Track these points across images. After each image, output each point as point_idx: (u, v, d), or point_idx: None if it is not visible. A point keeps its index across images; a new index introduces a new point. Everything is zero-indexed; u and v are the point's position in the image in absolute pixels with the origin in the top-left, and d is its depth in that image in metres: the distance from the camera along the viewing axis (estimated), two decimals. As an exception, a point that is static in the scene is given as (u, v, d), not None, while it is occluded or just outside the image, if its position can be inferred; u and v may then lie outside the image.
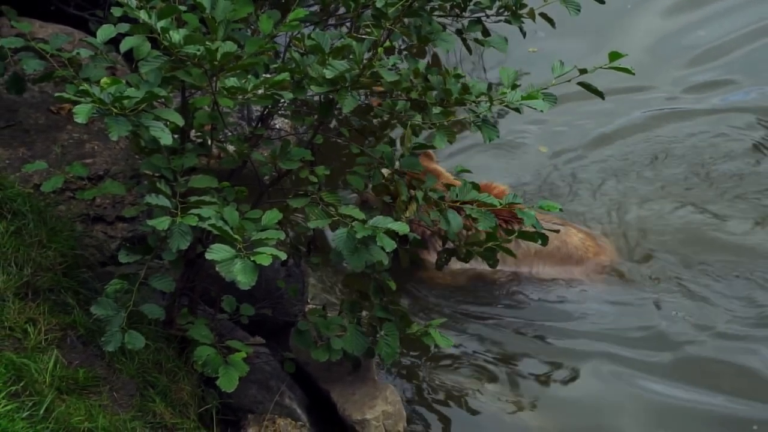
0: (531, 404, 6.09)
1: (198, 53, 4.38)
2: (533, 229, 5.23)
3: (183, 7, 4.60)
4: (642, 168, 7.81)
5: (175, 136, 4.72)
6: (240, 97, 4.52)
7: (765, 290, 6.80)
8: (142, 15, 4.34)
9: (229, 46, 4.38)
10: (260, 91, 4.52)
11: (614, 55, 4.82)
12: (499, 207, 5.12)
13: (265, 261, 4.14)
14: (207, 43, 4.38)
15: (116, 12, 4.50)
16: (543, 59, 6.61)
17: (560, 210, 5.23)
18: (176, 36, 4.35)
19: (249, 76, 4.53)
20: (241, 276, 4.12)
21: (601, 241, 7.06)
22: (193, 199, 4.58)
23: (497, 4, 5.69)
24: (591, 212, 7.38)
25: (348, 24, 5.60)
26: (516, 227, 5.47)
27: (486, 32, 5.77)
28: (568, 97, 5.86)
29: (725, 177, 7.71)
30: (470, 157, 7.68)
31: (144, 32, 4.44)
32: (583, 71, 4.90)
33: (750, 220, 7.37)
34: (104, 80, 4.31)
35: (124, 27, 4.67)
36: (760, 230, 7.29)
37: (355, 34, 4.93)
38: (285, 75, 4.52)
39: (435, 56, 8.54)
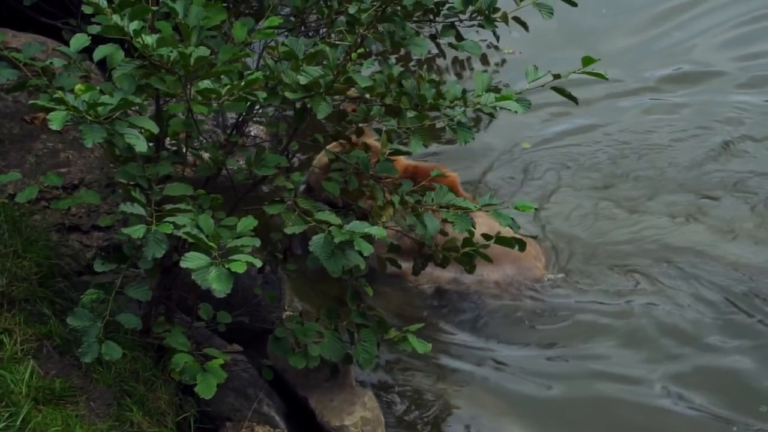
0: (508, 408, 6.09)
1: (171, 56, 4.37)
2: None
3: (155, 8, 4.59)
4: (556, 165, 7.81)
5: (150, 144, 4.71)
6: (214, 102, 4.51)
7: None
8: (115, 18, 4.32)
9: (203, 51, 4.37)
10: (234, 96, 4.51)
11: (587, 60, 4.84)
12: (475, 209, 5.11)
13: (240, 268, 4.12)
14: (180, 47, 4.37)
15: (87, 10, 4.47)
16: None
17: (536, 210, 5.20)
18: (149, 39, 4.34)
19: (222, 77, 4.52)
20: (216, 284, 4.10)
21: (537, 250, 6.98)
22: (168, 207, 4.56)
23: (470, 8, 5.71)
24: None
25: (323, 30, 5.60)
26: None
27: (459, 37, 5.79)
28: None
29: (648, 172, 7.75)
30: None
31: (116, 32, 4.41)
32: (556, 76, 4.92)
33: (670, 216, 7.39)
34: (78, 87, 4.29)
35: (96, 28, 4.64)
36: (682, 226, 7.31)
37: (328, 40, 4.94)
38: (258, 74, 4.51)
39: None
